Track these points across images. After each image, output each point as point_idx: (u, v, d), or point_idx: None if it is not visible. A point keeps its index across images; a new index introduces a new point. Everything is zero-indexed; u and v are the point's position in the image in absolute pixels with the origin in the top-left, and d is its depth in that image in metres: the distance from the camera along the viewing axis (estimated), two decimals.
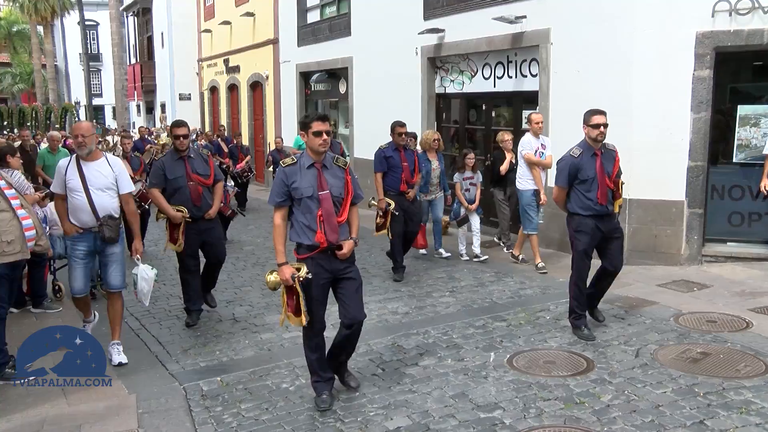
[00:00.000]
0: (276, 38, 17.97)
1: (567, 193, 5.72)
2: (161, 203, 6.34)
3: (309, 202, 4.38)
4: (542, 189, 8.12)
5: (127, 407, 4.70)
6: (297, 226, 4.47)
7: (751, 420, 4.19)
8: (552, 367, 5.18)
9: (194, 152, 6.56)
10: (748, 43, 7.63)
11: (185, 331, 6.44)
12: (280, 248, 4.46)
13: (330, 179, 4.46)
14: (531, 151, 8.15)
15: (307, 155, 4.48)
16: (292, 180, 4.41)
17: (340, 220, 4.46)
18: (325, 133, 4.37)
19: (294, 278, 4.32)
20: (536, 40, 9.33)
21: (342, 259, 4.47)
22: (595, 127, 5.58)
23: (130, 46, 33.45)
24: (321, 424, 4.39)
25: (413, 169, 8.08)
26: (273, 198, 4.50)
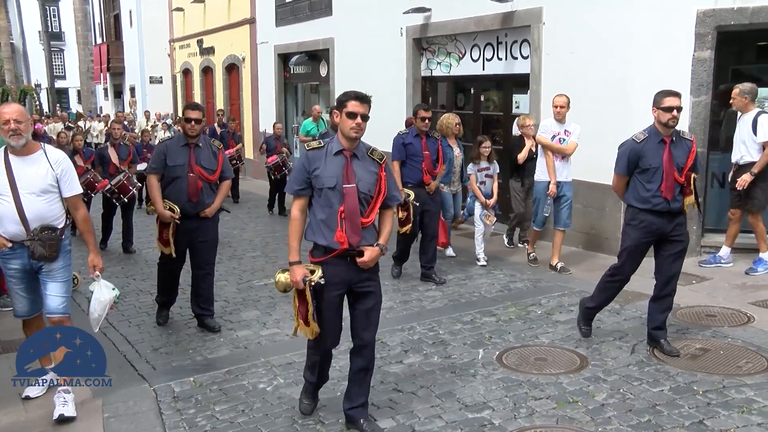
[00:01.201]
0: (253, 18, 17.82)
1: (627, 181, 5.33)
2: (154, 194, 5.94)
3: (330, 194, 3.95)
4: (553, 178, 7.62)
5: (91, 412, 4.62)
6: (314, 222, 4.03)
7: (753, 419, 4.20)
8: (544, 365, 5.19)
9: (204, 141, 6.06)
10: (752, 21, 7.64)
11: (156, 329, 6.38)
12: (295, 245, 4.04)
13: (359, 171, 3.99)
14: (546, 134, 7.67)
15: (337, 140, 4.04)
16: (314, 166, 3.99)
17: (365, 221, 3.99)
18: (360, 117, 3.90)
19: (306, 282, 3.95)
20: (527, 20, 9.30)
21: (363, 268, 4.02)
22: (666, 111, 5.05)
23: (95, 25, 32.96)
24: (300, 426, 4.37)
25: (436, 159, 7.52)
26: (291, 185, 4.14)
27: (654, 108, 5.16)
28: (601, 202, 8.37)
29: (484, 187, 8.28)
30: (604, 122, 8.03)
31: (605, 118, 8.09)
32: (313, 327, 4.05)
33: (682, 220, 5.27)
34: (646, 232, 5.23)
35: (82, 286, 7.74)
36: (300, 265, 4.01)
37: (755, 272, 7.27)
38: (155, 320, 6.47)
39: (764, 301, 6.44)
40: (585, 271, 7.71)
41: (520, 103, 10.00)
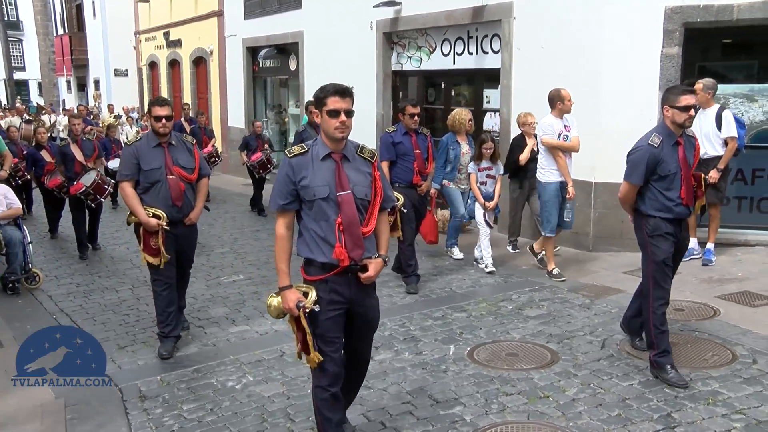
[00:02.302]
0: (220, 10, 17.63)
1: (639, 190, 4.85)
2: (133, 204, 5.40)
3: (324, 205, 3.51)
4: (569, 180, 7.16)
5: (52, 413, 4.54)
6: (308, 238, 3.59)
7: (717, 411, 4.29)
8: (515, 360, 5.22)
9: (176, 139, 5.62)
10: (718, 18, 7.77)
11: (121, 326, 6.29)
12: (283, 267, 3.62)
13: (353, 175, 3.58)
14: (552, 134, 7.13)
15: (321, 143, 3.58)
16: (300, 175, 3.52)
17: (366, 230, 3.58)
18: (344, 114, 3.48)
19: (299, 307, 3.52)
20: (498, 14, 9.33)
21: (366, 283, 3.65)
22: (683, 110, 4.65)
23: (56, 15, 32.28)
24: (270, 425, 4.34)
25: (427, 157, 7.18)
26: (275, 200, 3.59)
27: (667, 107, 4.72)
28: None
29: (484, 188, 7.71)
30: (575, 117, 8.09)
31: (576, 113, 8.13)
32: (314, 356, 3.58)
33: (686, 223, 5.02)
34: (673, 241, 4.84)
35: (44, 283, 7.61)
36: (291, 289, 3.58)
37: (711, 263, 7.46)
38: (158, 353, 5.57)
39: (730, 295, 6.56)
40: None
41: (491, 98, 10.04)
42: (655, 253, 4.82)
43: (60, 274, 8.16)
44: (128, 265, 8.52)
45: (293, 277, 3.63)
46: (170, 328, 5.60)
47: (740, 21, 7.73)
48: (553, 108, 7.20)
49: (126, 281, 7.82)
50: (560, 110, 7.18)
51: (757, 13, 7.64)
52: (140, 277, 7.98)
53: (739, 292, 6.60)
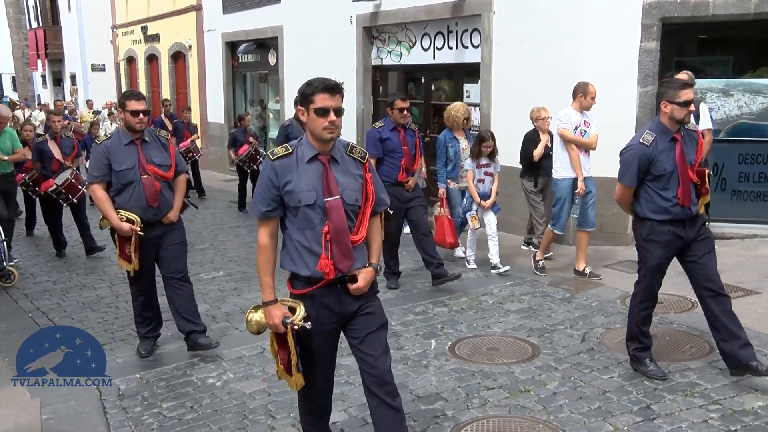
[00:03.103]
0: (199, 4, 17.47)
1: (635, 191, 4.67)
2: (105, 208, 5.08)
3: (309, 212, 3.21)
4: (580, 175, 6.90)
5: (28, 414, 4.49)
6: (291, 248, 3.30)
7: (695, 402, 4.34)
8: (496, 354, 5.23)
9: (150, 135, 5.25)
10: (694, 14, 7.84)
11: (99, 324, 6.22)
12: (267, 280, 3.34)
13: (342, 178, 3.27)
14: (569, 126, 6.90)
15: (307, 143, 3.28)
16: (284, 179, 3.23)
17: (356, 239, 3.28)
18: (334, 112, 3.17)
19: (286, 324, 3.22)
20: (478, 8, 9.34)
21: (356, 295, 3.35)
22: (683, 105, 4.44)
23: (29, 8, 31.79)
24: (251, 422, 4.32)
25: (414, 154, 6.91)
26: (256, 207, 3.31)
27: (665, 102, 4.51)
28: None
29: (482, 186, 7.46)
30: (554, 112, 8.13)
31: (555, 107, 8.16)
32: (296, 378, 3.32)
33: (704, 219, 4.73)
34: (669, 247, 4.60)
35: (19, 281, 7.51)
36: (277, 304, 3.28)
37: None
38: (136, 350, 5.50)
39: None
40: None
41: (471, 93, 10.05)
42: (647, 257, 4.68)
43: (36, 272, 8.05)
44: (107, 263, 8.43)
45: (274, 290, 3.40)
46: (148, 329, 5.47)
47: (716, 16, 7.81)
48: (574, 100, 6.98)
49: (104, 278, 7.74)
50: (581, 104, 6.93)
51: (732, 9, 7.73)
52: (119, 274, 7.88)
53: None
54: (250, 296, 6.88)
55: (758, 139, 8.21)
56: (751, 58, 8.58)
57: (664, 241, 4.58)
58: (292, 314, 3.25)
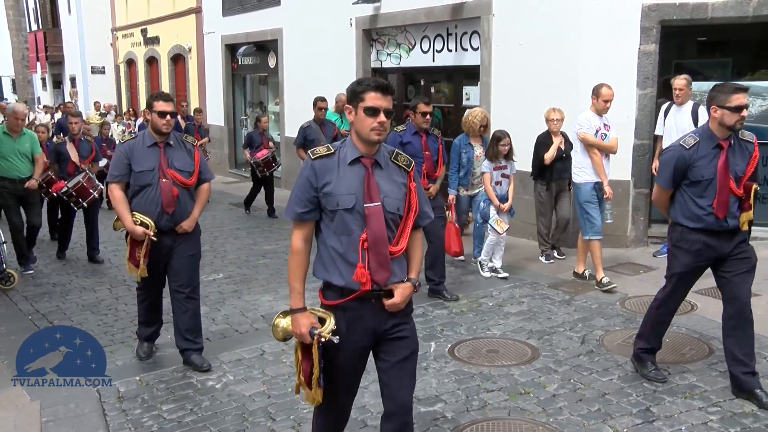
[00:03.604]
0: (199, 7, 17.49)
1: (672, 194, 4.49)
2: (120, 209, 4.93)
3: (347, 217, 3.01)
4: (605, 179, 6.73)
5: (28, 416, 4.48)
6: (325, 255, 3.11)
7: (695, 404, 4.34)
8: (495, 357, 5.23)
9: (175, 139, 5.07)
10: (693, 16, 7.86)
11: (99, 327, 6.21)
12: (297, 286, 3.14)
13: (384, 185, 3.07)
14: (590, 130, 6.71)
15: (351, 144, 3.08)
16: (324, 180, 3.03)
17: (395, 250, 3.07)
18: (384, 113, 2.99)
19: (313, 335, 3.01)
20: (477, 11, 9.35)
21: (392, 311, 3.11)
22: (735, 111, 4.19)
23: (29, 10, 31.80)
24: (251, 424, 4.31)
25: (437, 160, 6.66)
26: (292, 208, 3.11)
27: (715, 107, 4.26)
28: None
29: (499, 188, 7.23)
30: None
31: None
32: (315, 393, 3.12)
33: (745, 236, 4.40)
34: (698, 256, 4.41)
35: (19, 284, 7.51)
36: (305, 312, 3.08)
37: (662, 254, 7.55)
38: (135, 352, 5.45)
39: (707, 290, 6.61)
40: (536, 263, 7.81)
41: (471, 95, 10.06)
42: (673, 263, 4.53)
43: (36, 274, 8.04)
44: (107, 265, 8.43)
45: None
46: (149, 332, 5.42)
47: (714, 19, 7.82)
48: (593, 102, 6.83)
49: (104, 281, 7.73)
50: (596, 107, 6.79)
51: (730, 11, 7.75)
52: (118, 276, 7.90)
53: (715, 287, 6.61)
54: (249, 298, 6.88)
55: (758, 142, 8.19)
56: (750, 61, 8.59)
57: (692, 249, 4.40)
58: (321, 325, 3.04)
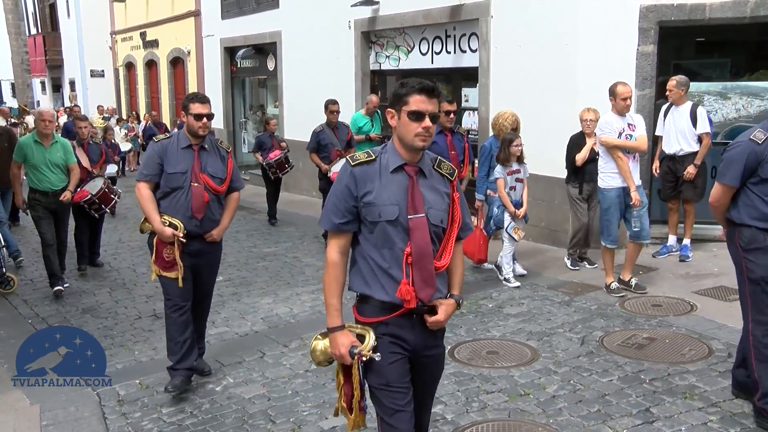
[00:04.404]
0: (197, 10, 17.51)
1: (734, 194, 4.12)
2: (149, 209, 4.68)
3: (390, 229, 2.81)
4: (632, 185, 6.37)
5: (27, 420, 4.47)
6: (365, 268, 2.90)
7: (694, 405, 4.33)
8: (495, 358, 5.23)
9: (210, 143, 4.87)
10: (691, 17, 7.86)
11: (99, 330, 6.20)
12: (334, 302, 2.89)
13: (428, 195, 2.88)
14: (612, 133, 6.39)
15: (393, 151, 2.88)
16: (364, 189, 2.82)
17: (439, 265, 2.89)
18: (429, 118, 2.78)
19: (353, 354, 2.83)
20: (476, 13, 9.36)
21: (433, 329, 2.96)
22: None
23: (28, 14, 31.83)
24: (251, 426, 4.31)
25: (463, 160, 6.48)
26: (328, 218, 2.90)
27: None
28: (550, 195, 8.48)
29: (513, 194, 6.99)
30: (552, 115, 8.16)
31: (553, 112, 8.21)
32: (358, 418, 2.96)
33: None
34: None
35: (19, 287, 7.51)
36: (344, 330, 2.87)
37: (688, 259, 7.56)
38: (165, 387, 4.78)
39: (706, 290, 6.63)
40: (536, 265, 7.80)
41: (469, 97, 10.08)
42: (751, 270, 4.05)
43: (35, 278, 8.04)
44: (106, 268, 8.43)
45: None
46: (179, 359, 4.79)
47: (712, 20, 7.83)
48: (612, 104, 6.52)
49: (104, 284, 7.73)
50: (616, 108, 6.47)
51: (728, 12, 7.75)
52: (118, 279, 7.90)
53: (714, 287, 6.68)
54: (248, 301, 6.88)
55: None
56: (749, 61, 8.60)
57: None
58: (361, 343, 2.84)
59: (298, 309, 6.54)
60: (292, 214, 10.86)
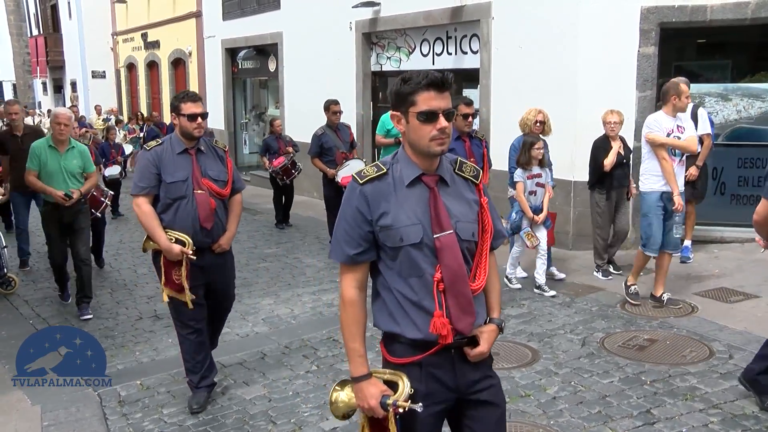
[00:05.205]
0: (199, 11, 17.53)
1: None
2: (152, 226, 4.28)
3: (415, 254, 2.38)
4: (676, 189, 5.94)
5: (28, 420, 4.47)
6: (391, 302, 2.47)
7: (695, 406, 4.33)
8: (496, 359, 5.15)
9: (206, 145, 4.50)
10: (692, 19, 7.86)
11: (100, 330, 6.20)
12: (356, 347, 2.49)
13: (454, 206, 2.44)
14: (660, 132, 5.95)
15: (406, 159, 2.44)
16: (379, 210, 2.39)
17: (476, 287, 2.46)
18: (444, 116, 2.34)
19: (387, 406, 2.36)
20: (477, 14, 9.36)
21: (474, 361, 2.52)
22: None
23: (30, 15, 31.89)
24: (251, 427, 4.30)
25: (482, 166, 6.18)
26: (340, 249, 2.46)
27: None
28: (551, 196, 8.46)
29: (533, 198, 6.75)
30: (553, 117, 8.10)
31: (554, 113, 8.15)
32: None
33: None
34: None
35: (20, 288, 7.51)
36: (371, 379, 2.43)
37: (689, 260, 7.55)
38: (188, 405, 4.59)
39: (707, 291, 6.63)
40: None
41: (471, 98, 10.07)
42: None
43: (37, 279, 8.04)
44: (107, 269, 8.43)
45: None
46: (200, 377, 4.57)
47: (713, 21, 7.83)
48: (666, 103, 6.06)
49: (105, 285, 7.73)
50: (674, 106, 5.99)
51: (729, 14, 7.76)
52: (119, 280, 7.90)
53: (715, 289, 6.68)
54: (249, 302, 6.87)
55: (757, 143, 8.22)
56: (750, 63, 8.61)
57: None
58: (393, 391, 2.40)
59: (299, 310, 6.54)
60: (293, 215, 10.86)
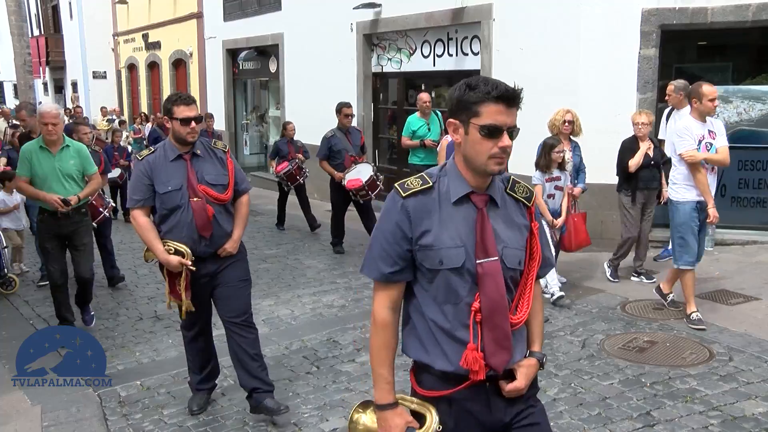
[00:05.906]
0: (200, 12, 17.55)
1: None
2: (149, 238, 4.14)
3: (454, 279, 2.18)
4: (710, 199, 5.60)
5: (28, 420, 4.47)
6: (422, 328, 2.27)
7: (695, 408, 4.34)
8: None
9: (203, 148, 4.26)
10: (693, 21, 7.88)
11: (100, 331, 6.21)
12: (384, 373, 2.29)
13: (503, 231, 2.24)
14: (692, 142, 5.53)
15: (456, 174, 2.23)
16: (421, 228, 2.19)
17: (516, 320, 2.26)
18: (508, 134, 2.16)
19: None
20: (478, 15, 9.38)
21: (511, 396, 2.30)
22: None
23: (31, 15, 31.90)
24: (251, 428, 4.31)
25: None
26: (375, 265, 2.26)
27: None
28: None
29: (552, 202, 6.52)
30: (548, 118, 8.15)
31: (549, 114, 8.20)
32: None
33: None
34: None
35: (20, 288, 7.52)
36: (397, 409, 2.27)
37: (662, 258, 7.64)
38: (188, 407, 4.57)
39: (708, 293, 6.63)
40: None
41: None
42: None
43: (37, 279, 8.04)
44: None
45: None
46: (201, 378, 4.59)
47: (714, 24, 7.85)
48: (691, 108, 5.76)
49: (105, 285, 7.72)
50: (699, 111, 5.66)
51: (730, 16, 7.77)
52: None
53: (716, 291, 6.69)
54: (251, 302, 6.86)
55: (757, 146, 8.22)
56: (750, 65, 8.61)
57: None
58: (419, 423, 2.25)
59: (300, 311, 6.54)
60: (294, 216, 10.87)
